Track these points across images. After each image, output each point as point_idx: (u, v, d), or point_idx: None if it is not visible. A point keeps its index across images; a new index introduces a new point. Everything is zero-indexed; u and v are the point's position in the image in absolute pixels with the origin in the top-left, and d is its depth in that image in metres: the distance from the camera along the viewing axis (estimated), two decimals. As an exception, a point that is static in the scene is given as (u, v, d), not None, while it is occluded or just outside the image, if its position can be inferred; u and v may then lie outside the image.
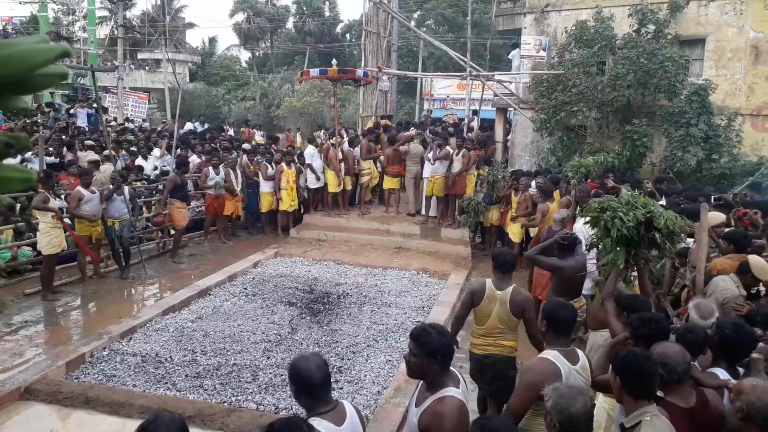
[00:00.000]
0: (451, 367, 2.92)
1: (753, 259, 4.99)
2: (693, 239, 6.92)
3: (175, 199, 10.40)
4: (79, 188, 8.72)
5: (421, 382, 2.94)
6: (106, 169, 11.07)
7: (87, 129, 17.84)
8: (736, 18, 13.02)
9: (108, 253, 9.55)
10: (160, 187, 11.57)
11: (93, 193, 8.79)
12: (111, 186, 9.09)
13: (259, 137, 19.78)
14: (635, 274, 4.51)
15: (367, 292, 8.88)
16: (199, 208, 12.34)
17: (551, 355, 3.27)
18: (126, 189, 9.25)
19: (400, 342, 7.05)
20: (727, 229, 6.54)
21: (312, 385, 2.63)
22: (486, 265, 10.73)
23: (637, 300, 4.22)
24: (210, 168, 11.41)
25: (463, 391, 2.86)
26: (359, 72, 12.93)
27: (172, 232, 10.86)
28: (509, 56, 18.10)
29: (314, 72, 12.79)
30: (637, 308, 3.92)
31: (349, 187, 12.64)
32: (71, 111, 19.57)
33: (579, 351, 3.41)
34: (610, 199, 4.39)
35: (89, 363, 6.27)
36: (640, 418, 2.75)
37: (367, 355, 6.66)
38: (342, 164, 12.12)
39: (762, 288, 4.62)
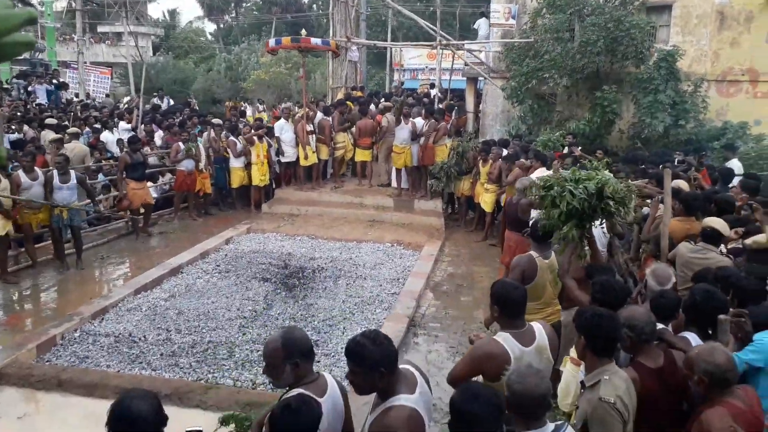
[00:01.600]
0: (408, 366, 2.72)
1: (714, 221, 5.01)
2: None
3: (129, 179, 9.95)
4: (19, 173, 7.97)
5: None
6: (75, 147, 10.78)
7: (47, 106, 17.28)
8: (702, -17, 13.10)
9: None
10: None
11: (34, 180, 8.03)
12: (56, 170, 8.30)
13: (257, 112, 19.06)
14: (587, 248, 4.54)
15: (342, 265, 8.88)
16: (167, 185, 12.12)
17: (502, 337, 3.20)
18: (73, 174, 8.44)
19: (375, 314, 7.10)
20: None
21: (305, 351, 2.66)
22: (459, 235, 10.86)
23: (603, 268, 4.35)
24: (180, 143, 11.17)
25: (420, 394, 2.60)
26: (315, 41, 12.40)
27: (141, 211, 10.56)
28: (474, 26, 17.97)
29: (272, 42, 12.41)
30: (604, 275, 4.03)
31: (325, 157, 12.51)
32: (29, 88, 18.88)
33: (537, 329, 3.30)
34: (555, 177, 4.37)
35: (61, 345, 6.18)
36: (599, 377, 2.86)
37: (344, 327, 6.69)
38: (313, 136, 11.98)
39: (723, 249, 4.72)
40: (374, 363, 2.51)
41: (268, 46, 12.65)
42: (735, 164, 9.45)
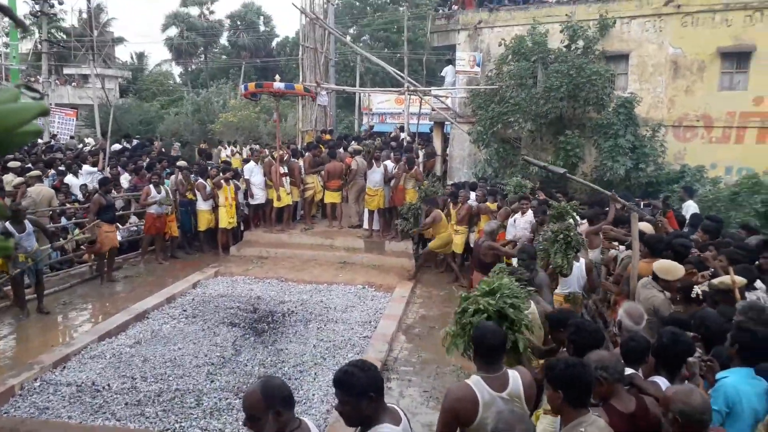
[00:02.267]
0: (393, 405, 2.80)
1: (656, 264, 5.24)
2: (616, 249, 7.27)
3: (102, 221, 9.74)
4: None
5: None
6: (40, 190, 10.51)
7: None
8: (656, 35, 13.78)
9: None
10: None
11: None
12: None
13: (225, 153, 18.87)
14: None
15: (313, 308, 8.78)
16: (134, 227, 11.90)
17: (472, 380, 3.16)
18: (27, 222, 8.12)
19: (347, 359, 6.99)
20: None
21: (289, 401, 2.61)
22: (431, 276, 10.88)
23: (566, 313, 4.43)
24: (151, 186, 11.02)
25: (404, 430, 2.70)
26: (278, 85, 12.56)
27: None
28: (442, 73, 18.46)
29: (242, 88, 12.38)
30: (566, 320, 4.10)
31: (297, 199, 12.52)
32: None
33: (513, 375, 3.24)
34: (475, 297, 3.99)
35: (19, 396, 5.91)
36: (577, 429, 2.82)
37: (315, 373, 6.57)
38: (286, 178, 12.00)
39: (698, 290, 4.83)
40: (363, 389, 2.59)
41: (243, 91, 12.69)
42: (691, 206, 9.77)
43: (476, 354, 3.28)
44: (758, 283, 5.05)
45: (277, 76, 12.45)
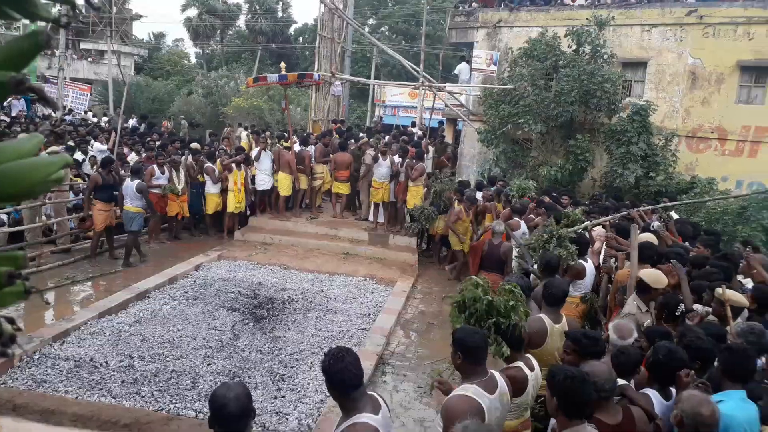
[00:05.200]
0: (373, 393, 2.85)
1: (644, 271, 5.12)
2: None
3: (97, 200, 9.72)
4: None
5: None
6: None
7: (22, 119, 17.04)
8: (676, 44, 13.69)
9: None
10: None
11: None
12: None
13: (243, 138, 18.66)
14: None
15: (313, 298, 8.83)
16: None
17: (470, 390, 3.12)
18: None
19: (344, 350, 7.03)
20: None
21: (224, 416, 2.48)
22: (432, 272, 10.90)
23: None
24: (155, 166, 11.08)
25: (383, 417, 2.74)
26: (315, 75, 12.80)
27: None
28: (455, 71, 18.38)
29: (272, 77, 12.14)
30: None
31: (305, 187, 12.50)
32: (3, 104, 18.65)
33: (497, 375, 3.30)
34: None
35: (18, 367, 5.99)
36: None
37: (311, 362, 6.62)
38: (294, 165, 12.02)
39: (683, 307, 4.80)
40: (330, 378, 2.75)
41: (265, 80, 12.73)
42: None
43: (464, 360, 3.21)
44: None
45: (282, 64, 12.49)
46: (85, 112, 23.07)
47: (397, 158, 11.77)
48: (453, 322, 4.03)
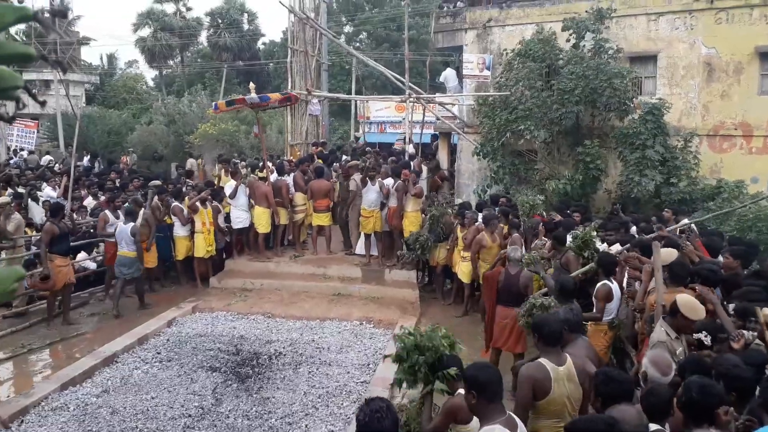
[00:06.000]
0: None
1: (681, 297, 5.09)
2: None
3: (54, 254, 9.60)
4: None
5: None
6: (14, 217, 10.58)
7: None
8: (687, 33, 13.90)
9: None
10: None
11: None
12: None
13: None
14: None
15: (303, 349, 8.81)
16: (101, 256, 11.92)
17: (497, 431, 3.20)
18: None
19: (343, 408, 7.00)
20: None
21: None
22: (436, 309, 10.88)
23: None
24: (107, 211, 11.04)
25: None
26: (250, 99, 12.46)
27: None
28: (440, 78, 18.51)
29: (252, 98, 11.84)
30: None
31: (285, 221, 12.49)
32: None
33: (514, 416, 3.41)
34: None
35: (-30, 457, 5.91)
36: None
37: (306, 425, 6.58)
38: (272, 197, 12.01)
39: (703, 337, 4.80)
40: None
41: (213, 110, 12.75)
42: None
43: (479, 398, 3.33)
44: None
45: (252, 85, 12.53)
46: (31, 153, 23.07)
47: (389, 181, 11.70)
48: (397, 381, 4.50)
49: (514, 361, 7.18)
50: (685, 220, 9.34)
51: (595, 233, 8.02)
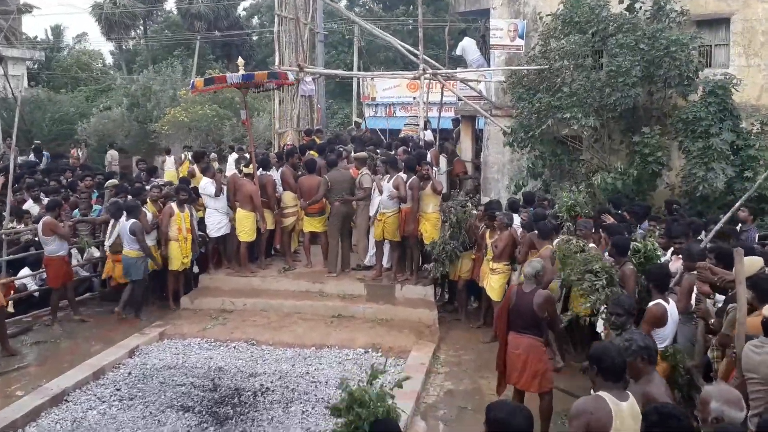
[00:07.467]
0: None
1: None
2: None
3: None
4: None
5: None
6: None
7: None
8: (768, -10, 13.83)
9: None
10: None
11: None
12: None
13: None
14: None
15: (296, 384, 8.83)
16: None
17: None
18: None
19: (344, 456, 6.98)
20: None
21: None
22: (459, 333, 10.86)
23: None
24: (48, 217, 11.07)
25: None
26: (290, 76, 12.74)
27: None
28: (458, 50, 18.44)
29: (233, 78, 11.98)
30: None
31: (272, 226, 12.52)
32: None
33: None
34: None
35: None
36: None
37: (299, 478, 6.59)
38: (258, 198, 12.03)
39: None
40: None
41: (191, 90, 12.85)
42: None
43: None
44: None
45: (240, 60, 12.59)
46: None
47: (402, 177, 11.56)
48: None
49: (540, 404, 7.10)
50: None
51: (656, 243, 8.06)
